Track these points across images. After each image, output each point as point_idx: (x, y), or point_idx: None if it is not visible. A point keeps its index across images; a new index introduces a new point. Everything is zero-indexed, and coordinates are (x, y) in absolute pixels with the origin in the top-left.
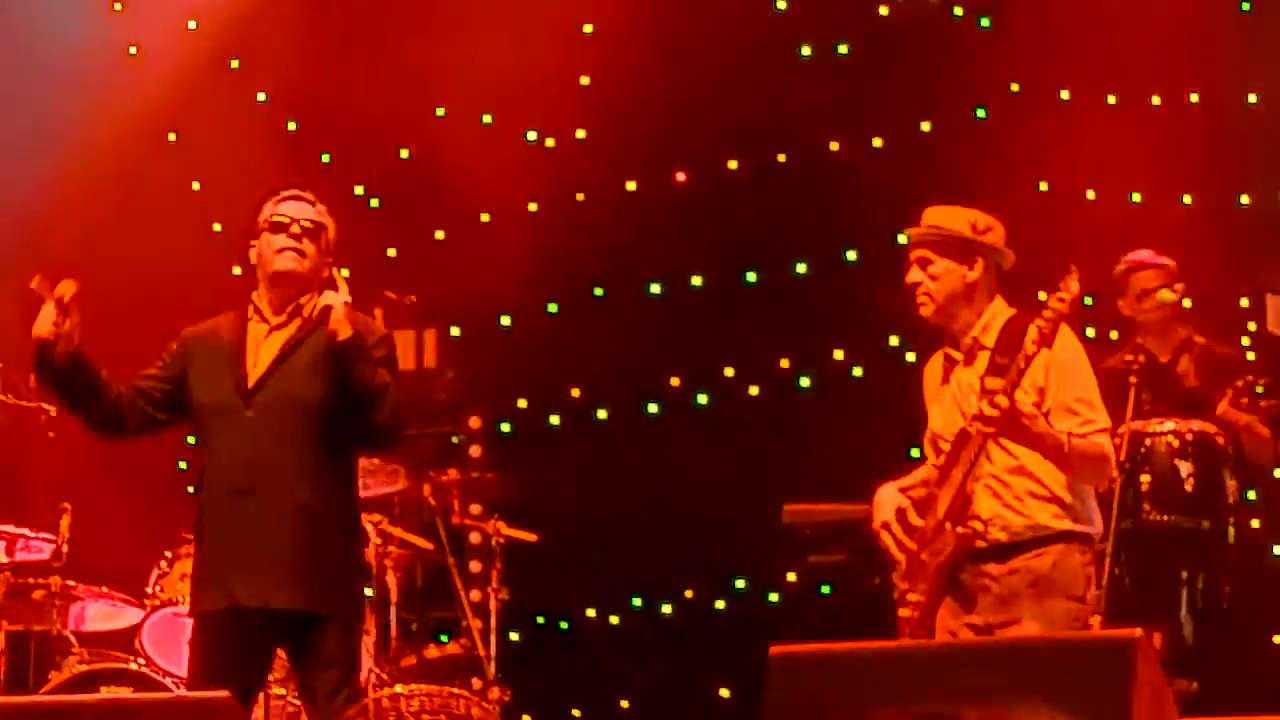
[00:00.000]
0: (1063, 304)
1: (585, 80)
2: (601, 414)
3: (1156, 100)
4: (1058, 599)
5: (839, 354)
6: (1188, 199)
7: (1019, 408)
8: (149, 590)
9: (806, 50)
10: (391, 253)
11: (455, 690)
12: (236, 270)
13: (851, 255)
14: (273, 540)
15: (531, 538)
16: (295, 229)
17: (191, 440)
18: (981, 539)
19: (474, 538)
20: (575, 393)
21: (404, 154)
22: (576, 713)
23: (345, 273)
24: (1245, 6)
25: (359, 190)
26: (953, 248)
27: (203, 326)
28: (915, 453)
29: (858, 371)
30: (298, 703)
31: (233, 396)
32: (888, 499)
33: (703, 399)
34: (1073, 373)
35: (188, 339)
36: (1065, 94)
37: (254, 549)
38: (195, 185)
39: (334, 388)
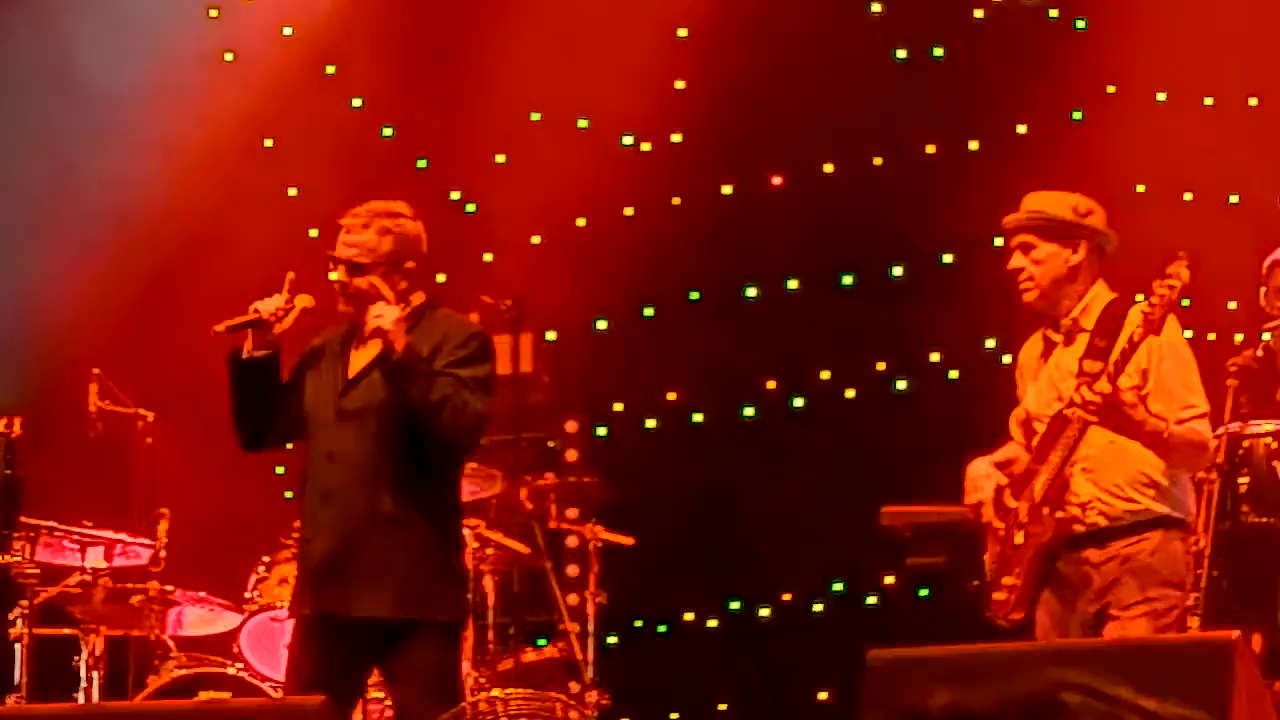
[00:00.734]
0: (1171, 291)
1: (680, 84)
2: (698, 417)
3: (1254, 102)
4: (1160, 587)
5: (935, 356)
6: None
7: (1120, 394)
8: (247, 595)
9: (902, 53)
10: (488, 257)
11: (553, 694)
12: (333, 275)
13: (948, 258)
14: (352, 547)
15: (629, 541)
16: (339, 274)
17: (289, 445)
18: (1079, 523)
19: (571, 541)
20: (672, 396)
21: (500, 159)
22: (674, 716)
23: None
24: None
25: (455, 195)
26: (1055, 232)
27: (330, 330)
28: None
29: (954, 374)
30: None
31: (328, 402)
32: (984, 476)
33: (799, 402)
34: (1176, 358)
35: (313, 344)
36: (1162, 96)
37: (335, 555)
38: (292, 191)
39: (402, 396)
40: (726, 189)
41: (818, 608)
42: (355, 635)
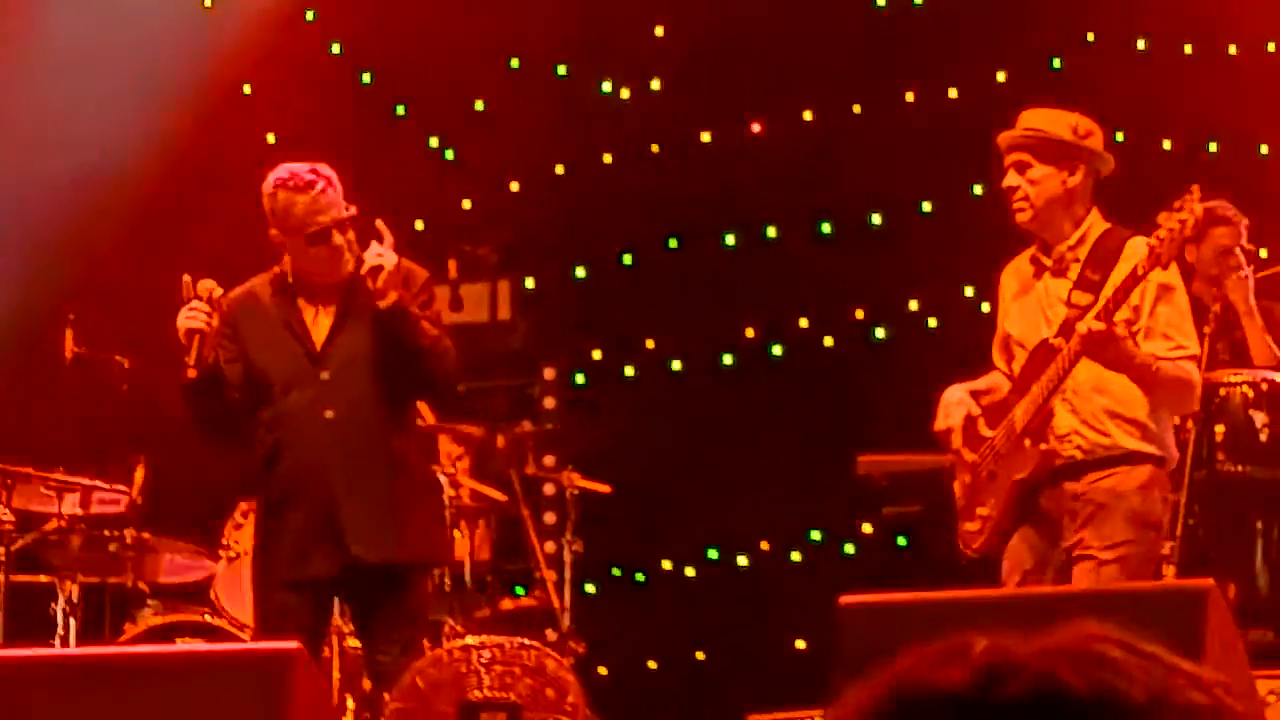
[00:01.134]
0: (1182, 225)
1: (660, 31)
2: (676, 365)
3: (1233, 50)
4: (1141, 529)
5: (914, 305)
6: (1264, 149)
7: (1115, 329)
8: (224, 542)
9: (882, 1)
10: (466, 205)
11: (527, 641)
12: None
13: (927, 206)
14: (373, 495)
15: (605, 489)
16: (336, 238)
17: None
18: (1059, 456)
19: (548, 489)
20: (650, 344)
21: (478, 106)
22: (652, 664)
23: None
24: None
25: (433, 142)
26: (1053, 151)
27: (242, 292)
28: None
29: (933, 322)
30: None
31: (299, 366)
32: (957, 403)
33: (778, 350)
34: (1171, 299)
35: (230, 312)
36: (1141, 44)
37: (357, 507)
38: (270, 138)
39: (391, 344)
40: (705, 136)
41: (796, 556)
42: (336, 585)
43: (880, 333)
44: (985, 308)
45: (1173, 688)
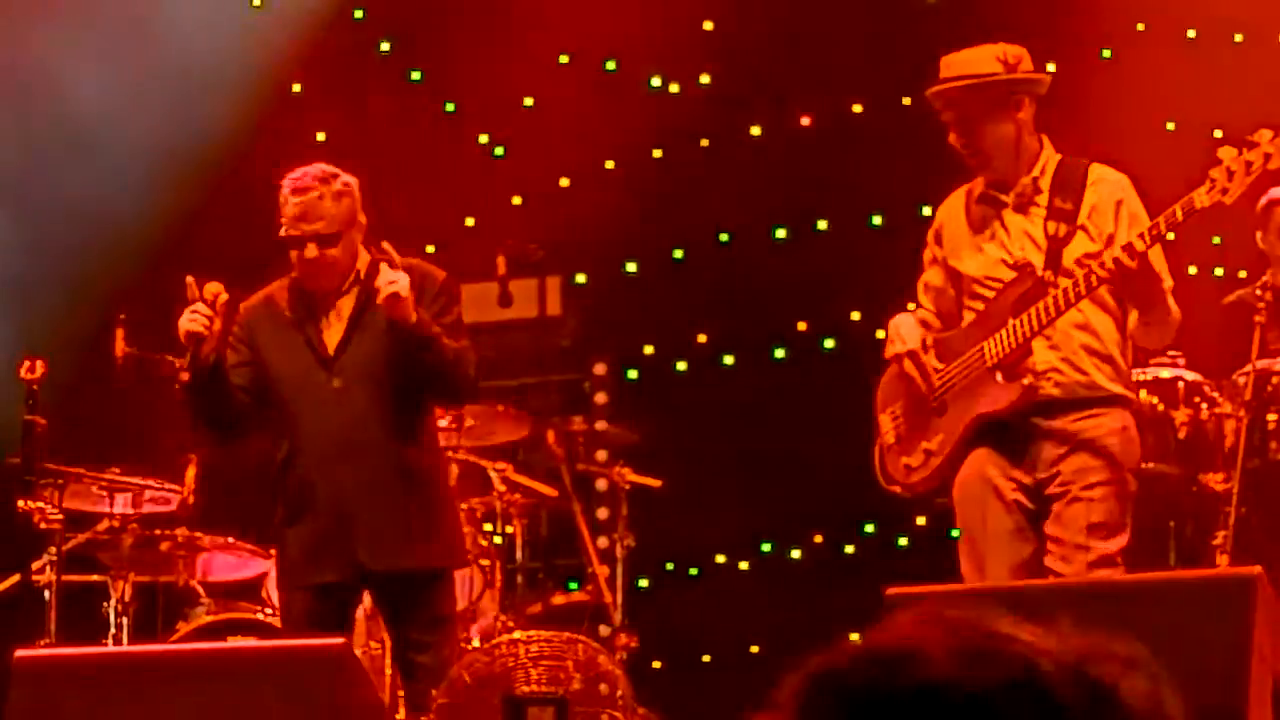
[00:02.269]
0: (1256, 161)
1: (709, 25)
2: (728, 359)
3: None
4: (1126, 471)
5: None
6: None
7: (1149, 260)
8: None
9: None
10: (516, 201)
11: (575, 636)
12: (361, 219)
13: None
14: (383, 503)
15: (657, 484)
16: (311, 250)
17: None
18: (1038, 391)
19: (600, 484)
20: (702, 338)
21: (527, 102)
22: (706, 658)
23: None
24: None
25: (483, 139)
26: (991, 93)
27: (257, 300)
28: None
29: None
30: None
31: (312, 375)
32: (909, 329)
33: (830, 343)
34: (1141, 220)
35: (244, 319)
36: (1192, 33)
37: (366, 514)
38: (320, 136)
39: (408, 357)
40: (755, 130)
41: (849, 549)
42: (358, 590)
43: None
44: None
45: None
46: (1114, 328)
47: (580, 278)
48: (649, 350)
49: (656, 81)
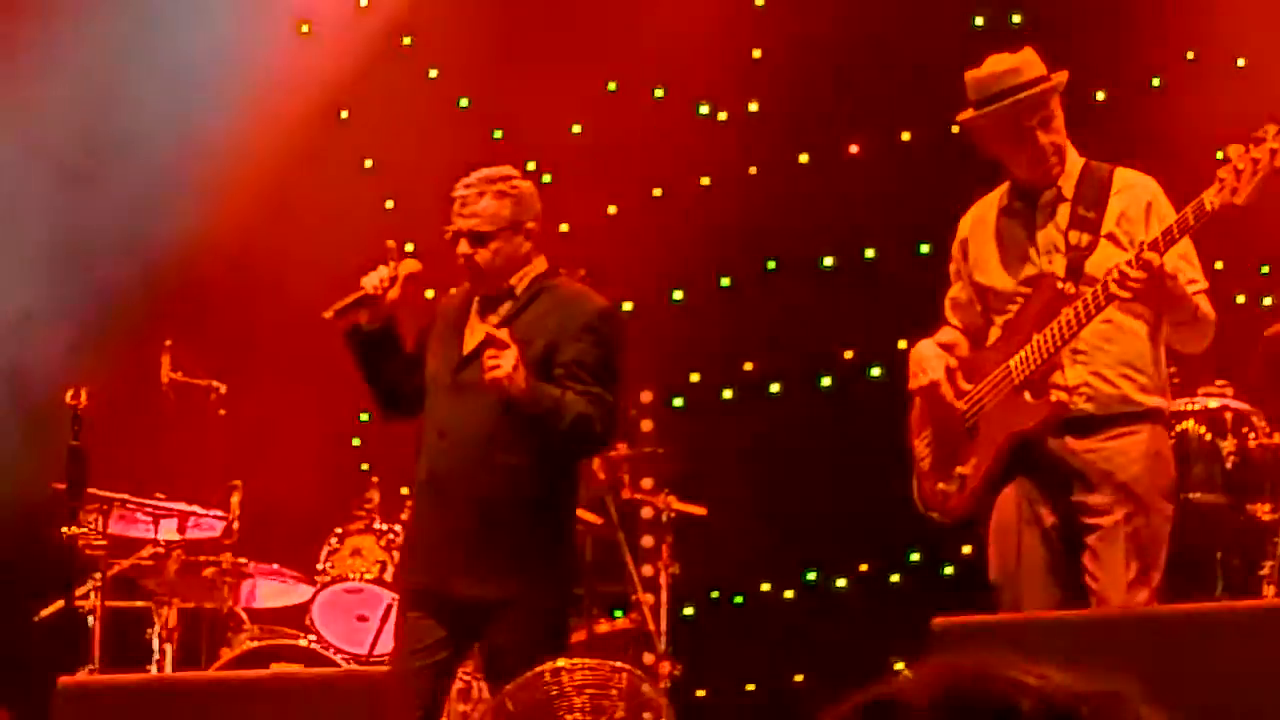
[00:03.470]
0: (1265, 157)
1: (757, 53)
2: (775, 388)
3: None
4: (1160, 498)
5: None
6: None
7: (1164, 267)
8: (319, 567)
9: (980, 20)
10: (564, 228)
11: (619, 664)
12: (410, 247)
13: None
14: (456, 526)
15: (702, 512)
16: (463, 247)
17: (365, 417)
18: (1069, 408)
19: (645, 512)
20: (748, 366)
21: (576, 129)
22: (751, 687)
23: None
24: None
25: (531, 166)
26: (1027, 106)
27: (454, 292)
28: None
29: None
30: (468, 679)
31: (444, 375)
32: (932, 356)
33: (876, 372)
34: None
35: (438, 308)
36: (1241, 61)
37: (442, 534)
38: (368, 163)
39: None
40: (803, 158)
41: (895, 578)
42: (455, 612)
43: None
44: None
45: None
46: (1145, 338)
47: (627, 305)
48: (695, 378)
49: (705, 109)
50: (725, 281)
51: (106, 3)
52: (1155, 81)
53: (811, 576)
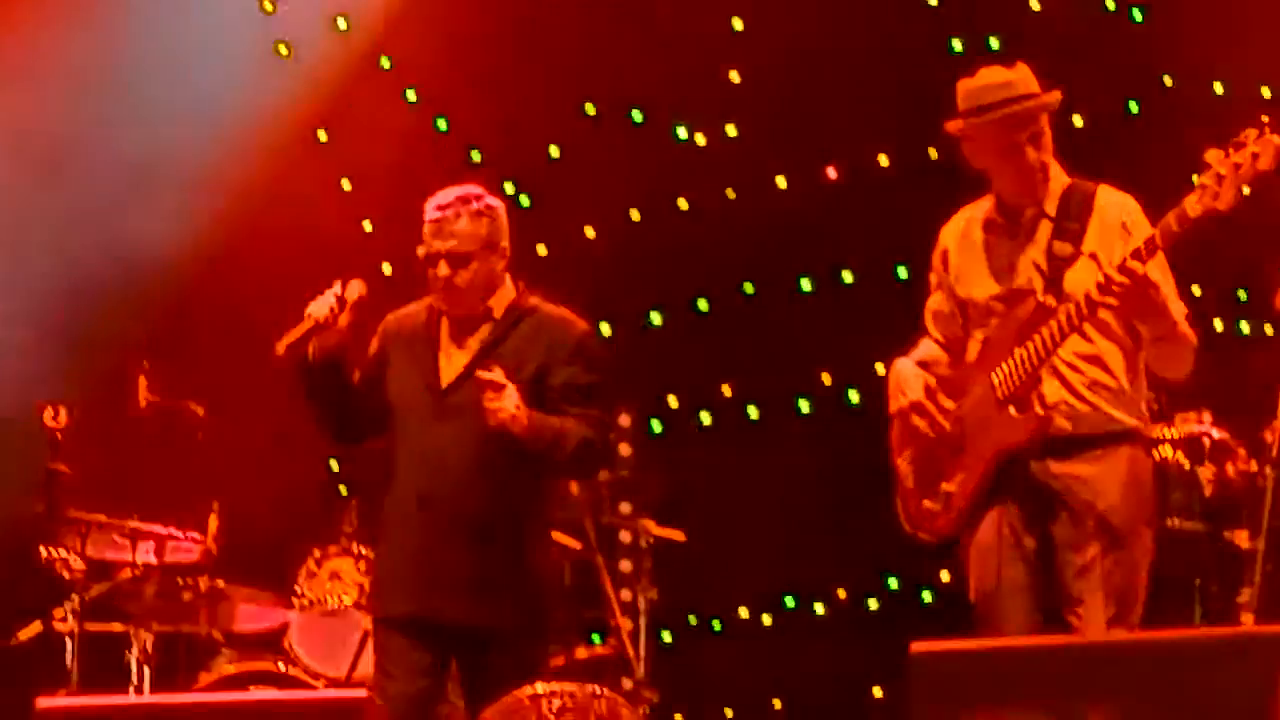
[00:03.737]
0: (1245, 163)
1: (735, 77)
2: (753, 412)
3: None
4: (1137, 527)
5: None
6: None
7: (1148, 275)
8: (297, 590)
9: (958, 45)
10: (541, 251)
11: (598, 689)
12: (387, 269)
13: None
14: (448, 552)
15: (680, 537)
16: (443, 269)
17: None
18: (1052, 423)
19: (624, 537)
20: (726, 390)
21: (554, 152)
22: (729, 712)
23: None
24: None
25: (509, 188)
26: (1030, 117)
27: (403, 314)
28: None
29: None
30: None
31: (421, 400)
32: (912, 376)
33: (855, 396)
34: (1159, 256)
35: (386, 331)
36: (1219, 87)
37: (431, 560)
38: (345, 184)
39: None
40: (781, 181)
41: (873, 604)
42: (441, 638)
43: None
44: None
45: None
46: (1122, 359)
47: (604, 328)
48: (673, 402)
49: (682, 132)
50: (703, 305)
51: (84, 23)
52: (1132, 106)
53: (790, 602)
